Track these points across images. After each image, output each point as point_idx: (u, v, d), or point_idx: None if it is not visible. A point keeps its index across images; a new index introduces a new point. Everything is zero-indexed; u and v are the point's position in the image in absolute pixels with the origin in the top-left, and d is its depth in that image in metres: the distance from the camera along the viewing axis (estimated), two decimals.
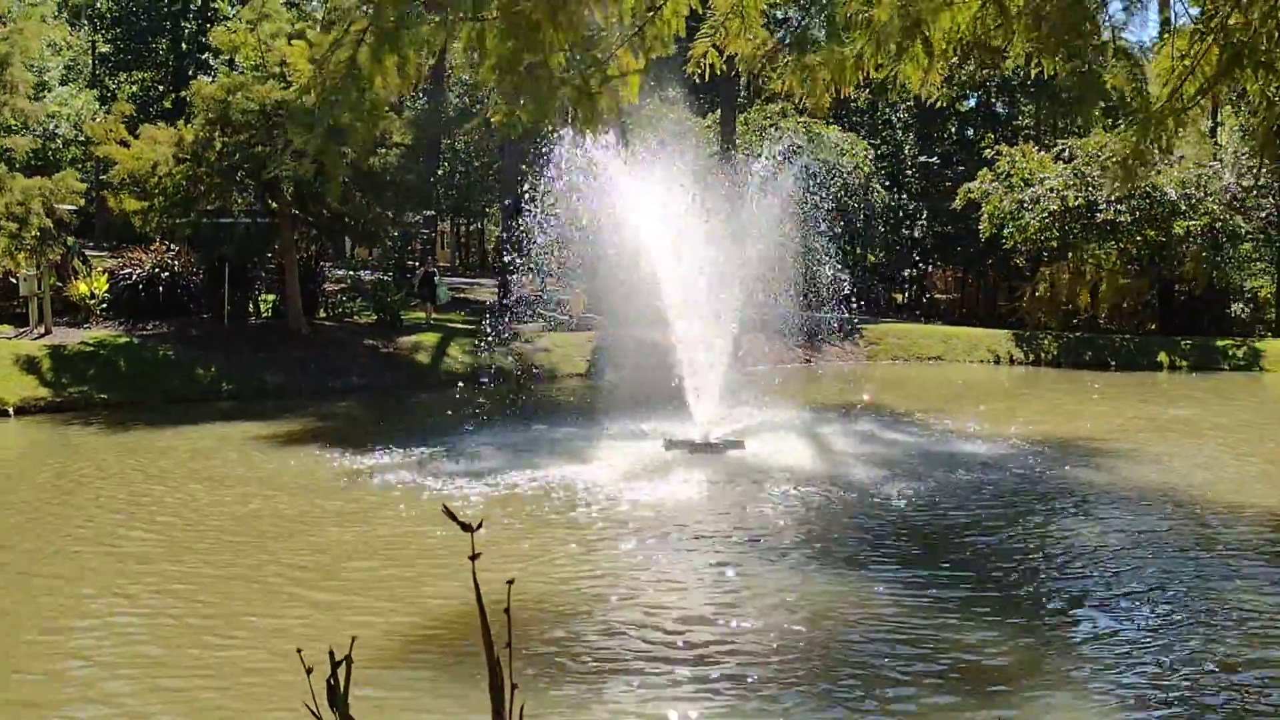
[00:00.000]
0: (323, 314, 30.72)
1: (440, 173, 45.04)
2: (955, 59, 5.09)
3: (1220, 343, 33.68)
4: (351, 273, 35.19)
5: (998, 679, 6.95)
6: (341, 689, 1.69)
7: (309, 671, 1.70)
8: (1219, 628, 7.98)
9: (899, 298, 50.02)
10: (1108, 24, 5.83)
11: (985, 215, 37.23)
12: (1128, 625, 8.15)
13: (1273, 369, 31.28)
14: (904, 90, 5.87)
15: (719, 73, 5.35)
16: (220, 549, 10.20)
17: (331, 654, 1.70)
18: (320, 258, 31.87)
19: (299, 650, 1.77)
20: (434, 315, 32.57)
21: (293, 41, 24.30)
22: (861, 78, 5.27)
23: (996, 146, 39.35)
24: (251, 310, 29.83)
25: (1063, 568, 9.82)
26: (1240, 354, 32.54)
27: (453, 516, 1.57)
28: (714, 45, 5.64)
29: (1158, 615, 8.38)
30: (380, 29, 3.69)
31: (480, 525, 1.56)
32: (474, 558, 1.58)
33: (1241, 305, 44.95)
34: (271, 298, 30.17)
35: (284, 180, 25.00)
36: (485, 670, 6.46)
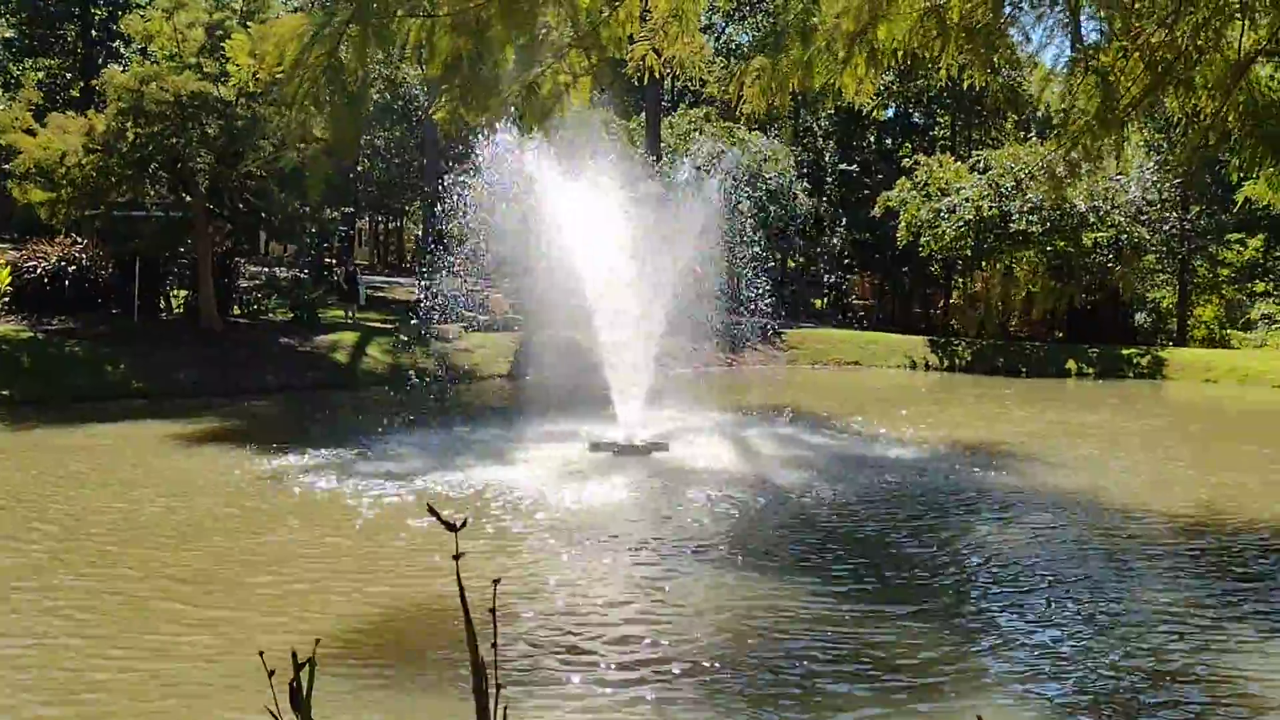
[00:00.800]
0: (237, 311, 30.08)
1: (360, 169, 44.41)
2: (892, 68, 5.17)
3: (1125, 351, 34.81)
4: (267, 269, 34.54)
5: (923, 681, 7.07)
6: (304, 692, 1.65)
7: (271, 674, 1.66)
8: (1136, 627, 8.23)
9: (818, 303, 50.73)
10: (1029, 40, 5.99)
11: (902, 223, 37.97)
12: (1047, 625, 8.36)
13: (1174, 377, 32.40)
14: (839, 96, 5.95)
15: (658, 74, 5.37)
16: (119, 556, 9.82)
17: (294, 655, 1.66)
18: (235, 253, 31.17)
19: (260, 653, 1.72)
20: (356, 314, 32.07)
21: (233, 36, 23.71)
22: (799, 85, 5.33)
23: (914, 156, 40.17)
24: (163, 306, 29.07)
25: (983, 569, 10.03)
26: (1144, 362, 33.66)
27: (436, 514, 1.55)
28: (653, 48, 5.66)
29: (1076, 616, 8.62)
30: (369, 23, 3.61)
31: (465, 524, 1.54)
32: (457, 557, 1.55)
33: (1145, 315, 46.59)
34: (184, 294, 29.44)
35: (199, 173, 24.42)
36: (402, 678, 6.36)
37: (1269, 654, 7.67)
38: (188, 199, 26.15)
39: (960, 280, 46.33)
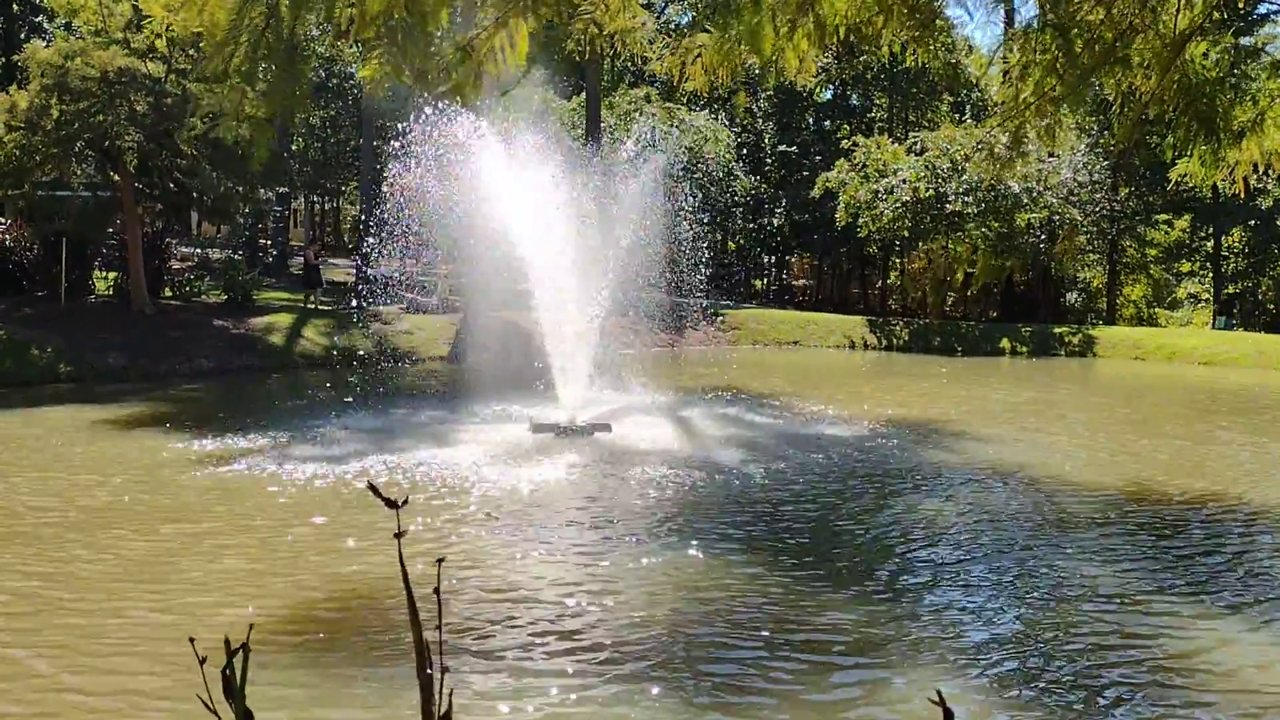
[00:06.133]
0: (169, 293, 29.42)
1: (295, 148, 43.64)
2: (833, 46, 5.15)
3: (1057, 330, 35.49)
4: (199, 250, 33.83)
5: (861, 654, 7.13)
6: (238, 680, 1.58)
7: (203, 661, 1.59)
8: (1073, 600, 8.39)
9: (758, 284, 51.02)
10: (969, 17, 6.00)
11: (841, 204, 38.25)
12: (982, 599, 8.48)
13: (1105, 355, 33.11)
14: (780, 76, 5.93)
15: (601, 50, 5.30)
16: (45, 544, 9.53)
17: (227, 642, 1.59)
18: (166, 234, 30.45)
19: (191, 639, 1.65)
20: (317, 302, 31.35)
21: None
22: (743, 60, 5.29)
23: (852, 138, 40.43)
24: (91, 288, 28.32)
25: (920, 544, 10.15)
26: (1076, 341, 34.35)
27: (377, 493, 1.49)
28: (594, 22, 5.58)
29: (1010, 588, 8.76)
30: None
31: (405, 502, 1.48)
32: (399, 535, 1.49)
33: (1075, 295, 47.57)
34: (113, 275, 28.71)
35: (127, 151, 23.77)
36: (341, 664, 6.24)
37: (1203, 624, 7.86)
38: (116, 178, 25.47)
39: (898, 261, 46.84)
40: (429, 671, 1.47)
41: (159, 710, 6.15)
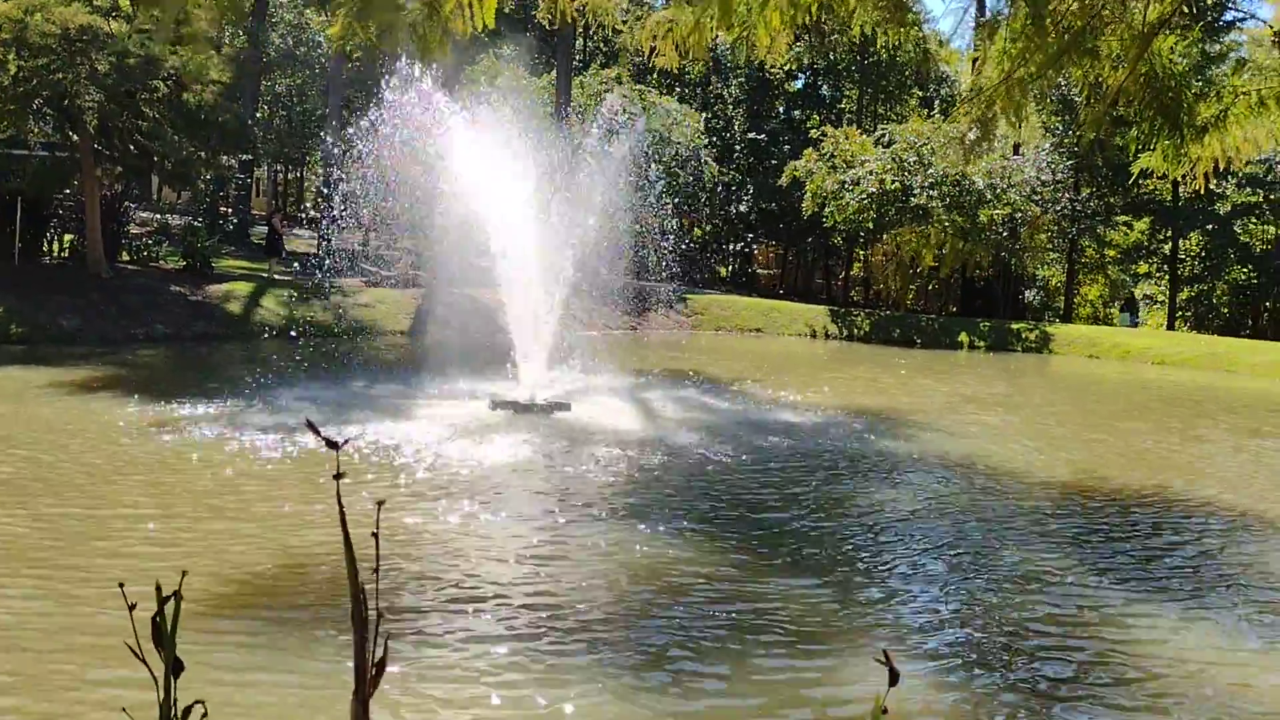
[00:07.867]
0: (126, 257, 28.94)
1: (259, 116, 43.03)
2: (805, 26, 5.13)
3: (1015, 326, 35.87)
4: (159, 215, 33.32)
5: (813, 637, 7.17)
6: (168, 627, 1.54)
7: (132, 608, 1.54)
8: (1015, 587, 8.48)
9: (723, 270, 51.08)
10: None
11: (808, 194, 38.35)
12: (933, 586, 8.55)
13: (1060, 351, 33.52)
14: (751, 51, 5.90)
15: (573, 23, 5.23)
16: None
17: (159, 588, 1.54)
18: (125, 197, 29.93)
19: (120, 585, 1.60)
20: (276, 271, 31.06)
21: None
22: (714, 38, 5.25)
23: (822, 128, 40.53)
24: (46, 250, 27.79)
25: (873, 530, 10.22)
26: (1032, 337, 34.74)
27: (316, 431, 1.45)
28: None
29: (959, 575, 8.84)
30: None
31: (346, 442, 1.44)
32: (338, 476, 1.45)
33: (1034, 292, 48.12)
34: (70, 238, 28.20)
35: (87, 111, 23.30)
36: (278, 619, 6.15)
37: (1145, 612, 7.97)
38: (74, 138, 24.98)
39: (861, 252, 47.09)
40: (364, 616, 1.43)
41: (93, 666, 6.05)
